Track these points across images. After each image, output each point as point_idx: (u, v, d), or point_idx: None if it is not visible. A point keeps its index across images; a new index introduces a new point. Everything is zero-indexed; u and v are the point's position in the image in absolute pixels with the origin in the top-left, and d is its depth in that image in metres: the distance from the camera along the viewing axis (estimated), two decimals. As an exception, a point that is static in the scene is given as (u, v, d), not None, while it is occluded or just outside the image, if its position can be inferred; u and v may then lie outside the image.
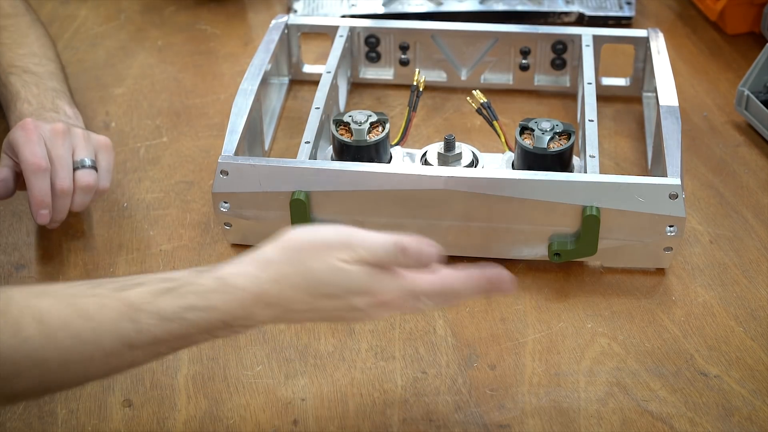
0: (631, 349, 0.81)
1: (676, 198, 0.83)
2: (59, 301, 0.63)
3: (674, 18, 1.28)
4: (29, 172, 0.87)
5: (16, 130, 0.89)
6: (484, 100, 0.93)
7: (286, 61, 1.12)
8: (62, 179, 0.88)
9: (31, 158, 0.87)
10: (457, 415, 0.76)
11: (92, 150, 0.91)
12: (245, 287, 0.64)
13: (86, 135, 0.92)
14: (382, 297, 0.66)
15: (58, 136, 0.89)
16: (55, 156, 0.88)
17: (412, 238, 0.67)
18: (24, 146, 0.87)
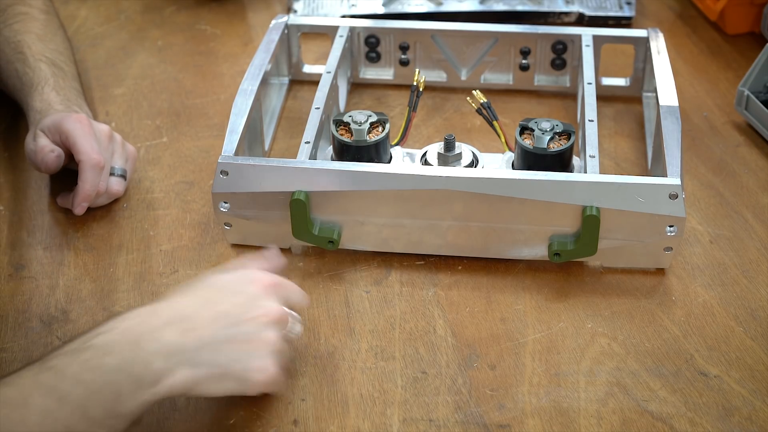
0: (631, 349, 0.81)
1: (676, 198, 0.83)
2: None
3: (674, 18, 1.28)
4: (88, 166, 0.91)
5: (72, 121, 0.92)
6: (484, 100, 0.93)
7: (286, 61, 1.12)
8: (102, 181, 0.93)
9: (92, 153, 0.91)
10: (457, 415, 0.76)
11: (125, 157, 0.96)
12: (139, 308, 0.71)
13: (123, 143, 0.97)
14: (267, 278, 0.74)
15: (106, 139, 0.94)
16: None
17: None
18: (83, 139, 0.91)
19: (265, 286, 0.74)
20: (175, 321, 0.70)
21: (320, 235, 0.87)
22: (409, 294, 0.87)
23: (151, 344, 0.68)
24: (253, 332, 0.71)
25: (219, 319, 0.71)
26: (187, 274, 0.89)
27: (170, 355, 0.68)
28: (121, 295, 0.87)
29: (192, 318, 0.70)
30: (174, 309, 0.71)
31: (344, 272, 0.89)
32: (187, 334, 0.69)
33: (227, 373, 0.70)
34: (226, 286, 0.74)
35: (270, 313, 0.73)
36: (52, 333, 0.83)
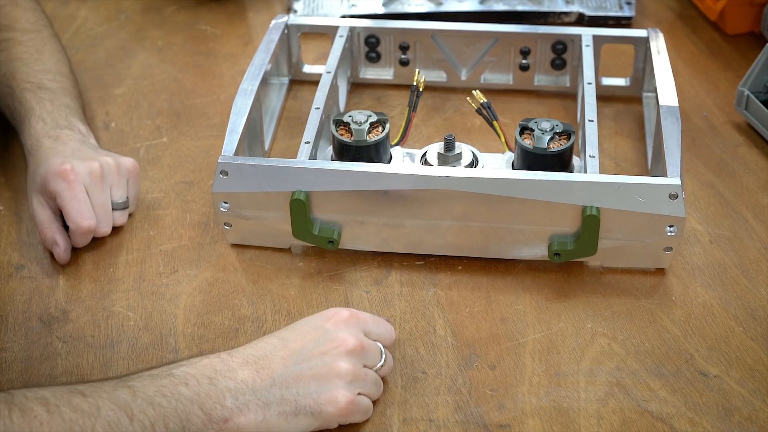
0: (631, 349, 0.81)
1: (676, 198, 0.83)
2: (62, 388, 0.67)
3: (674, 18, 1.28)
4: (78, 234, 0.89)
5: (58, 180, 0.89)
6: (484, 100, 0.93)
7: (286, 61, 1.12)
8: (104, 227, 0.91)
9: (80, 221, 0.89)
10: (457, 415, 0.76)
11: (125, 182, 0.93)
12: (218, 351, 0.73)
13: (117, 166, 0.93)
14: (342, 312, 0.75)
15: (97, 180, 0.91)
16: (96, 204, 0.90)
17: None
18: (70, 203, 0.89)
19: (342, 320, 0.75)
20: (251, 361, 0.72)
21: (320, 235, 0.87)
22: (409, 294, 0.87)
23: (225, 381, 0.70)
24: (322, 365, 0.72)
25: (290, 356, 0.72)
26: (187, 274, 0.89)
27: (241, 393, 0.70)
28: (121, 295, 0.87)
29: (266, 357, 0.72)
30: (251, 349, 0.73)
31: (344, 272, 0.89)
32: (259, 373, 0.71)
33: (298, 409, 0.71)
34: (304, 325, 0.75)
35: (342, 344, 0.73)
36: (52, 333, 0.83)
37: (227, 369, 0.71)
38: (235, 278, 0.89)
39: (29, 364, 0.80)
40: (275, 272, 0.89)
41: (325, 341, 0.73)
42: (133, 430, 0.66)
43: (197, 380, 0.69)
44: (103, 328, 0.84)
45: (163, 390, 0.68)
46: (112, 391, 0.67)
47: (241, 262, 0.90)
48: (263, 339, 0.74)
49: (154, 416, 0.66)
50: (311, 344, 0.73)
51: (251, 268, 0.90)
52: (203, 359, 0.71)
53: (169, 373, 0.69)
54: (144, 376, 0.69)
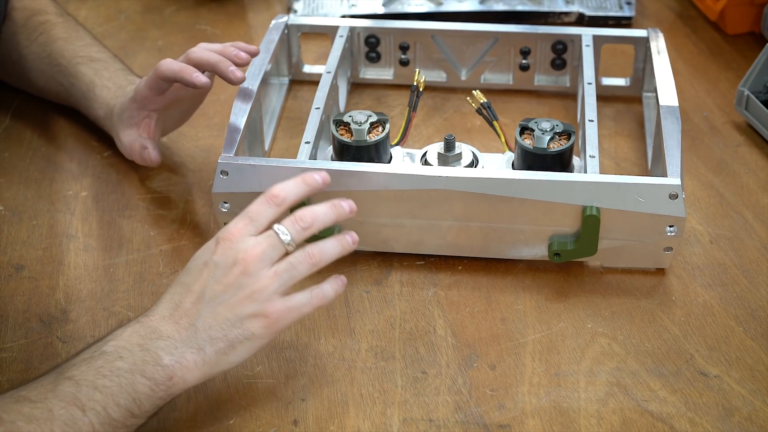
0: (631, 349, 0.81)
1: (676, 198, 0.83)
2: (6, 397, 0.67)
3: (674, 18, 1.28)
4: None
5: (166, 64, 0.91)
6: (484, 100, 0.93)
7: (286, 61, 1.12)
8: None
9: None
10: (457, 415, 0.76)
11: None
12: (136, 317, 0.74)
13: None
14: (224, 233, 0.74)
15: None
16: None
17: None
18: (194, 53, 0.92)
19: (225, 243, 0.74)
20: (167, 315, 0.73)
21: (320, 235, 0.87)
22: (409, 294, 0.87)
23: (154, 342, 0.71)
24: (229, 296, 0.72)
25: (198, 298, 0.73)
26: (187, 274, 0.89)
27: (174, 347, 0.71)
28: (121, 295, 0.87)
29: (179, 307, 0.73)
30: (162, 305, 0.74)
31: (344, 272, 0.89)
32: (180, 323, 0.72)
33: (231, 341, 0.72)
34: (195, 264, 0.74)
35: (238, 266, 0.73)
36: (52, 333, 0.83)
37: (151, 330, 0.72)
38: (235, 278, 0.89)
39: (29, 364, 0.80)
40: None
41: (220, 273, 0.73)
42: (89, 421, 0.66)
43: (129, 350, 0.70)
44: (103, 328, 0.84)
45: (102, 371, 0.69)
46: (55, 388, 0.67)
47: (241, 262, 0.90)
48: (168, 290, 0.74)
49: (103, 399, 0.67)
50: (210, 280, 0.73)
51: (251, 268, 0.90)
52: (126, 329, 0.72)
53: (101, 353, 0.70)
54: (79, 363, 0.69)
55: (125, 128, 0.97)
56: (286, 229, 0.74)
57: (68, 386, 0.67)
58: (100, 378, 0.68)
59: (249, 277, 0.72)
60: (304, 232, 0.75)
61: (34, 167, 1.02)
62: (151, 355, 0.70)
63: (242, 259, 0.73)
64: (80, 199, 0.98)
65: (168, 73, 0.91)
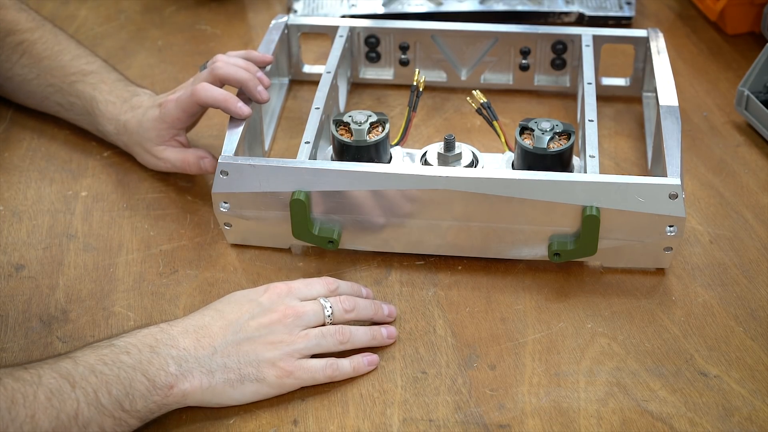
0: (631, 349, 0.81)
1: (676, 198, 0.83)
2: (6, 368, 0.69)
3: (674, 18, 1.28)
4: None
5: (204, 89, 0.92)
6: (484, 100, 0.93)
7: (286, 61, 1.12)
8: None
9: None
10: (457, 415, 0.76)
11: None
12: (157, 323, 0.75)
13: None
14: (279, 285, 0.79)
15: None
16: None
17: None
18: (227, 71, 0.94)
19: (276, 293, 0.78)
20: (190, 330, 0.75)
21: (320, 235, 0.87)
22: (409, 294, 0.87)
23: (167, 349, 0.72)
24: (257, 335, 0.75)
25: (228, 326, 0.75)
26: (186, 274, 0.89)
27: (184, 360, 0.73)
28: (121, 295, 0.87)
29: (205, 327, 0.75)
30: (191, 320, 0.76)
31: (344, 272, 0.89)
32: (200, 342, 0.74)
33: (242, 376, 0.74)
34: (238, 298, 0.79)
35: (278, 313, 0.77)
36: (52, 333, 0.83)
37: (168, 337, 0.73)
38: (235, 278, 0.89)
39: (29, 364, 0.80)
40: (275, 272, 0.89)
41: (259, 312, 0.76)
42: (75, 397, 0.67)
43: (138, 349, 0.71)
44: (103, 328, 0.84)
45: (104, 359, 0.70)
46: (54, 363, 0.69)
47: (241, 262, 0.90)
48: (200, 311, 0.77)
49: (97, 383, 0.68)
50: (246, 315, 0.76)
51: (251, 268, 0.90)
52: (143, 329, 0.74)
53: (110, 344, 0.71)
54: (84, 348, 0.71)
55: (157, 145, 0.96)
56: (331, 305, 0.79)
57: (66, 363, 0.69)
58: (100, 364, 0.69)
59: (283, 328, 0.76)
60: (345, 314, 0.80)
61: (34, 167, 1.02)
62: (159, 360, 0.71)
63: (284, 309, 0.77)
64: (80, 199, 0.98)
65: (209, 100, 0.92)
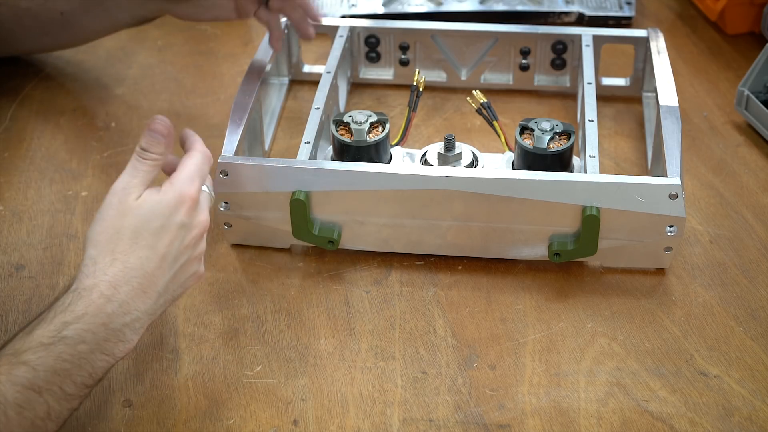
0: (631, 349, 0.81)
1: (676, 198, 0.83)
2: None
3: (674, 18, 1.28)
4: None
5: None
6: (484, 100, 0.93)
7: (286, 61, 1.12)
8: None
9: None
10: (457, 415, 0.76)
11: None
12: (94, 281, 0.69)
13: None
14: (191, 194, 0.74)
15: None
16: None
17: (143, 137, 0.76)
18: None
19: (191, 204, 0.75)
20: (136, 285, 0.71)
21: (320, 235, 0.87)
22: (409, 294, 0.87)
23: (120, 319, 0.70)
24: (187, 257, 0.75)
25: (164, 261, 0.73)
26: (187, 274, 0.89)
27: (137, 320, 0.71)
28: (121, 295, 0.87)
29: (147, 274, 0.72)
30: (128, 268, 0.71)
31: (344, 272, 0.89)
32: (146, 293, 0.72)
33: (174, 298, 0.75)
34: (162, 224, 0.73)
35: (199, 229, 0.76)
36: (52, 333, 0.83)
37: (119, 305, 0.69)
38: (235, 278, 0.89)
39: (29, 364, 0.80)
40: (275, 272, 0.89)
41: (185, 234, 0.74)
42: (44, 401, 0.65)
43: (93, 332, 0.68)
44: (103, 328, 0.84)
45: (62, 356, 0.66)
46: (9, 372, 0.65)
47: (241, 262, 0.90)
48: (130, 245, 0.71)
49: (61, 380, 0.66)
50: (176, 243, 0.73)
51: (251, 268, 0.90)
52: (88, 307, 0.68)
53: (61, 338, 0.67)
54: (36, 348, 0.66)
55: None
56: (208, 186, 0.78)
57: (24, 371, 0.65)
58: (60, 362, 0.66)
59: (202, 239, 0.76)
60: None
61: (34, 167, 1.02)
62: (115, 334, 0.69)
63: (205, 219, 0.76)
64: (80, 199, 0.98)
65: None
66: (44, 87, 1.15)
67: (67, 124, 1.08)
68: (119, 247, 0.71)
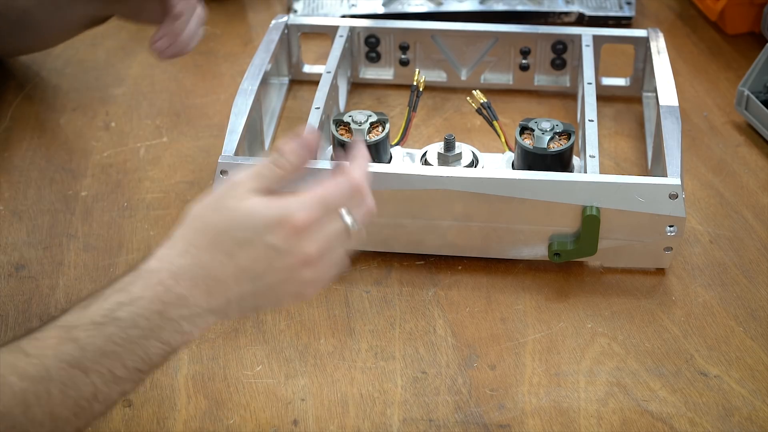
0: (631, 349, 0.81)
1: (676, 198, 0.83)
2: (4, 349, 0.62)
3: (674, 18, 1.28)
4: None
5: None
6: (484, 100, 0.93)
7: (286, 61, 1.12)
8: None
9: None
10: (457, 415, 0.76)
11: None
12: (159, 267, 0.65)
13: None
14: (296, 221, 0.66)
15: None
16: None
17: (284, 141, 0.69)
18: None
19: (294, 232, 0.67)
20: (200, 283, 0.66)
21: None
22: (409, 294, 0.87)
23: (177, 311, 0.65)
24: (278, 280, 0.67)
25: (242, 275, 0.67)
26: (187, 274, 0.89)
27: (197, 316, 0.66)
28: (121, 295, 0.87)
29: (216, 277, 0.66)
30: (196, 266, 0.66)
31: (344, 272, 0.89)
32: (212, 294, 0.66)
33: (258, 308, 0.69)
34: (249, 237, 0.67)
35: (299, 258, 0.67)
36: (52, 333, 0.83)
37: (176, 298, 0.65)
38: (235, 278, 0.89)
39: (29, 364, 0.80)
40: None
41: (277, 258, 0.67)
42: (91, 381, 0.62)
43: (146, 318, 0.64)
44: (103, 328, 0.84)
45: (113, 338, 0.63)
46: (57, 347, 0.62)
47: (241, 262, 0.90)
48: (206, 247, 0.67)
49: (110, 363, 0.63)
50: (263, 263, 0.67)
51: (251, 268, 0.90)
52: (146, 290, 0.64)
53: (113, 318, 0.63)
54: (86, 325, 0.63)
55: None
56: (352, 217, 0.69)
57: (71, 349, 0.62)
58: (110, 345, 0.63)
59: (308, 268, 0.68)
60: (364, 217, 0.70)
61: (34, 167, 1.02)
62: (171, 324, 0.65)
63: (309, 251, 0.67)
64: (80, 199, 0.98)
65: None
66: (44, 87, 1.15)
67: (67, 124, 1.08)
68: (197, 241, 0.67)
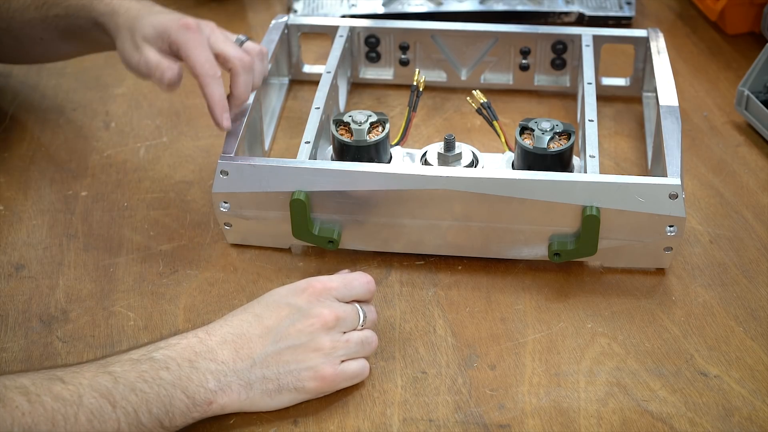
0: (631, 349, 0.81)
1: (676, 198, 0.83)
2: (40, 374, 0.67)
3: (674, 18, 1.28)
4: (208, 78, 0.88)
5: (182, 32, 0.88)
6: (484, 100, 0.93)
7: (286, 61, 1.12)
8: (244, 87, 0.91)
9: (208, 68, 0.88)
10: (457, 415, 0.76)
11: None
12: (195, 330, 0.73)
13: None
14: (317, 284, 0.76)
15: (216, 31, 0.92)
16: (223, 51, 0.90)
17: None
18: (195, 50, 0.88)
19: (315, 293, 0.76)
20: (229, 340, 0.73)
21: (320, 235, 0.87)
22: (409, 294, 0.87)
23: (205, 363, 0.71)
24: (299, 343, 0.74)
25: (267, 334, 0.73)
26: (186, 274, 0.89)
27: (223, 374, 0.71)
28: (121, 295, 0.87)
29: (243, 336, 0.73)
30: (229, 327, 0.74)
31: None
32: (239, 353, 0.72)
33: (281, 386, 0.73)
34: (276, 300, 0.76)
35: (317, 319, 0.74)
36: (52, 333, 0.83)
37: (207, 350, 0.71)
38: (235, 278, 0.89)
39: (29, 364, 0.80)
40: (275, 272, 0.89)
41: (299, 318, 0.74)
42: (116, 417, 0.66)
43: (178, 364, 0.70)
44: (103, 328, 0.84)
45: (144, 375, 0.68)
46: (93, 378, 0.67)
47: (241, 262, 0.90)
48: (237, 314, 0.75)
49: (137, 402, 0.67)
50: (286, 321, 0.74)
51: (251, 268, 0.90)
52: (182, 340, 0.72)
53: (149, 358, 0.70)
54: (123, 361, 0.69)
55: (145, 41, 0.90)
56: (366, 314, 0.77)
57: (105, 380, 0.67)
58: (140, 382, 0.68)
59: (324, 333, 0.74)
60: (370, 322, 0.78)
61: (34, 167, 1.02)
62: (198, 375, 0.70)
63: (326, 314, 0.74)
64: (80, 199, 0.98)
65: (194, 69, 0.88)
66: (44, 87, 1.15)
67: (67, 124, 1.08)
68: (232, 312, 0.76)
